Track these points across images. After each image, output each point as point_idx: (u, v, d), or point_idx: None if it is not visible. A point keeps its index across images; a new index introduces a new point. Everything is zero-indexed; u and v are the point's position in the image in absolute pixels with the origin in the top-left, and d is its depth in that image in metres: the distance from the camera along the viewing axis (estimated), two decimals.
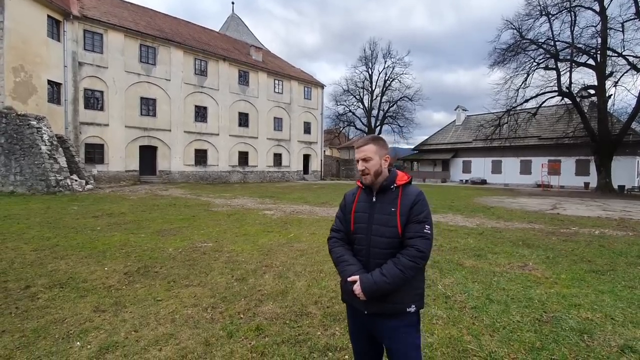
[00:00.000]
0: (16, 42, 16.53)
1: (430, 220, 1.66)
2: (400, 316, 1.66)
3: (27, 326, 3.04)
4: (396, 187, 1.72)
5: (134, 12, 26.24)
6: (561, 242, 6.80)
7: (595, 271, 4.86)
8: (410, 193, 1.69)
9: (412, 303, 1.67)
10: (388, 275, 1.57)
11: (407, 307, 1.65)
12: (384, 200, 1.71)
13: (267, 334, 2.96)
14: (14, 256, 5.20)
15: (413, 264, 1.58)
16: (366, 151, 1.73)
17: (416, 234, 1.61)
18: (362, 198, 1.79)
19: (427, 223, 1.63)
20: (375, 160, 1.72)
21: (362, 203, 1.77)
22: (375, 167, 1.72)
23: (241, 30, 40.32)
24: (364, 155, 1.73)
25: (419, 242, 1.60)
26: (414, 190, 1.71)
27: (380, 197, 1.73)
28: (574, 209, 13.20)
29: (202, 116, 26.87)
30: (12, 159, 15.22)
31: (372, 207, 1.74)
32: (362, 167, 1.72)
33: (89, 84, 21.05)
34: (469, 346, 2.79)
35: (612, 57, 22.21)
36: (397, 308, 1.65)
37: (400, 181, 1.72)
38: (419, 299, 1.70)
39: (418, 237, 1.61)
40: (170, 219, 8.91)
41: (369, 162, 1.72)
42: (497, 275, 4.63)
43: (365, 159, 1.72)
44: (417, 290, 1.69)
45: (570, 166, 29.23)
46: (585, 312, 3.45)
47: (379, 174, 1.73)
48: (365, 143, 1.75)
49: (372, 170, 1.71)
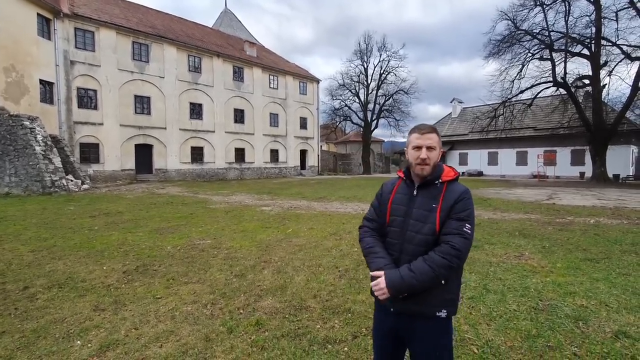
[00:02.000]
0: (6, 42, 16.32)
1: (472, 221, 1.53)
2: (429, 320, 1.54)
3: (26, 327, 3.05)
4: (441, 182, 1.59)
5: (125, 9, 25.91)
6: (557, 232, 6.87)
7: (590, 259, 4.92)
8: (455, 190, 1.57)
9: (443, 308, 1.52)
10: (416, 271, 1.45)
11: (436, 312, 1.52)
12: (426, 195, 1.59)
13: (266, 329, 2.99)
14: (12, 257, 5.18)
15: (445, 261, 1.44)
16: (432, 139, 1.58)
17: (454, 230, 1.48)
18: (402, 190, 1.67)
19: (468, 222, 1.50)
20: (437, 152, 1.60)
21: (401, 195, 1.66)
22: (435, 159, 1.59)
23: (235, 25, 39.98)
24: (430, 143, 1.57)
25: (456, 239, 1.46)
26: (460, 188, 1.58)
27: (422, 191, 1.60)
28: (569, 198, 13.31)
29: (197, 113, 26.73)
30: (6, 160, 15.09)
31: (411, 201, 1.61)
32: (425, 155, 1.56)
33: (82, 82, 20.85)
34: (466, 335, 2.83)
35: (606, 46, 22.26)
36: (426, 311, 1.52)
37: (446, 177, 1.60)
38: (451, 304, 1.55)
39: (456, 234, 1.47)
40: (168, 217, 8.90)
41: (433, 152, 1.58)
42: (493, 265, 4.68)
43: (430, 148, 1.57)
44: (450, 294, 1.54)
45: (565, 156, 29.41)
46: (580, 300, 3.50)
47: (436, 167, 1.60)
48: (431, 131, 1.60)
49: (433, 161, 1.58)
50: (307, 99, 35.71)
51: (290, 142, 34.05)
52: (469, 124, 34.12)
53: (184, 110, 25.84)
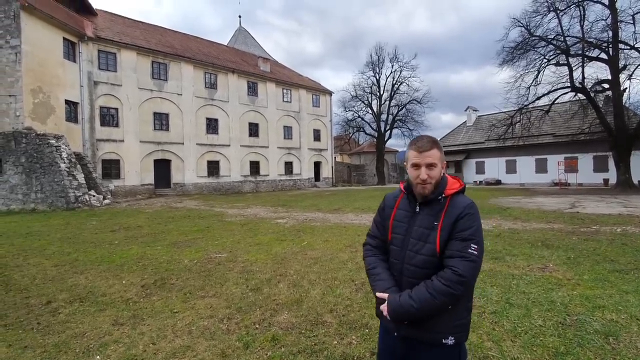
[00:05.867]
0: (33, 65, 17.22)
1: (479, 239, 1.37)
2: (435, 348, 1.42)
3: (48, 341, 3.11)
4: (444, 197, 1.46)
5: (145, 30, 27.07)
6: (582, 242, 6.59)
7: (619, 271, 4.69)
8: (458, 204, 1.43)
9: (451, 334, 1.40)
10: (416, 299, 1.35)
11: (442, 338, 1.40)
12: (428, 212, 1.47)
13: (283, 344, 2.95)
14: (36, 272, 5.35)
15: (447, 289, 1.32)
16: (433, 157, 1.44)
17: (457, 252, 1.35)
18: (404, 206, 1.56)
19: (473, 242, 1.35)
20: (439, 168, 1.46)
21: (403, 211, 1.55)
22: (437, 176, 1.45)
23: (249, 42, 41.05)
24: (430, 160, 1.44)
25: (459, 263, 1.33)
26: (464, 201, 1.44)
27: (424, 208, 1.49)
28: (593, 206, 12.81)
29: (213, 128, 27.34)
30: (32, 178, 15.74)
31: (412, 218, 1.50)
32: (425, 176, 1.43)
33: (104, 101, 21.72)
34: (490, 353, 2.72)
35: (624, 50, 21.68)
36: (432, 338, 1.41)
37: (450, 190, 1.46)
38: (460, 330, 1.42)
39: (458, 258, 1.34)
40: (185, 231, 9.03)
41: (434, 169, 1.44)
42: (516, 278, 4.51)
43: (430, 166, 1.44)
44: (460, 320, 1.42)
45: (587, 163, 28.44)
46: (609, 314, 3.32)
47: (439, 183, 1.47)
48: (431, 147, 1.45)
49: (435, 179, 1.45)
50: (320, 111, 36.02)
51: (304, 154, 34.27)
52: (485, 132, 33.55)
53: (200, 125, 26.49)
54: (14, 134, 15.90)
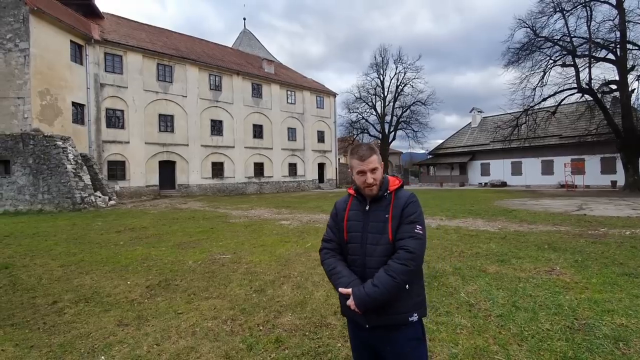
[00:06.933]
0: (41, 68, 17.43)
1: (422, 221, 1.61)
2: (404, 328, 1.59)
3: (54, 341, 3.13)
4: (389, 193, 1.67)
5: (151, 33, 27.30)
6: (590, 244, 6.51)
7: (628, 274, 4.61)
8: (402, 197, 1.65)
9: (414, 311, 1.59)
10: (379, 284, 1.49)
11: (409, 317, 1.58)
12: (378, 207, 1.66)
13: (287, 346, 2.94)
14: (42, 272, 5.39)
15: (404, 267, 1.49)
16: (374, 162, 1.65)
17: (407, 234, 1.56)
18: (355, 206, 1.73)
19: (418, 223, 1.58)
20: (380, 170, 1.67)
21: (355, 211, 1.72)
22: (380, 177, 1.67)
23: (253, 44, 41.25)
24: (372, 166, 1.64)
25: (410, 242, 1.53)
26: (406, 194, 1.66)
27: (374, 205, 1.68)
28: (601, 209, 12.65)
29: (217, 130, 27.46)
30: (40, 179, 15.90)
31: (365, 215, 1.68)
32: (371, 180, 1.63)
33: (110, 103, 21.92)
34: (496, 357, 2.68)
35: (632, 50, 21.44)
36: (399, 319, 1.57)
37: (392, 186, 1.68)
38: (420, 306, 1.62)
39: (408, 238, 1.54)
40: (190, 232, 9.06)
41: (376, 172, 1.65)
42: (522, 281, 4.46)
43: (374, 170, 1.64)
44: (418, 297, 1.62)
45: (595, 165, 28.12)
46: (619, 318, 3.27)
47: (382, 182, 1.68)
48: (370, 153, 1.66)
49: (379, 180, 1.66)
50: (324, 112, 36.04)
51: (308, 155, 34.29)
52: (490, 133, 33.36)
53: (205, 127, 26.62)
54: (22, 135, 16.08)
